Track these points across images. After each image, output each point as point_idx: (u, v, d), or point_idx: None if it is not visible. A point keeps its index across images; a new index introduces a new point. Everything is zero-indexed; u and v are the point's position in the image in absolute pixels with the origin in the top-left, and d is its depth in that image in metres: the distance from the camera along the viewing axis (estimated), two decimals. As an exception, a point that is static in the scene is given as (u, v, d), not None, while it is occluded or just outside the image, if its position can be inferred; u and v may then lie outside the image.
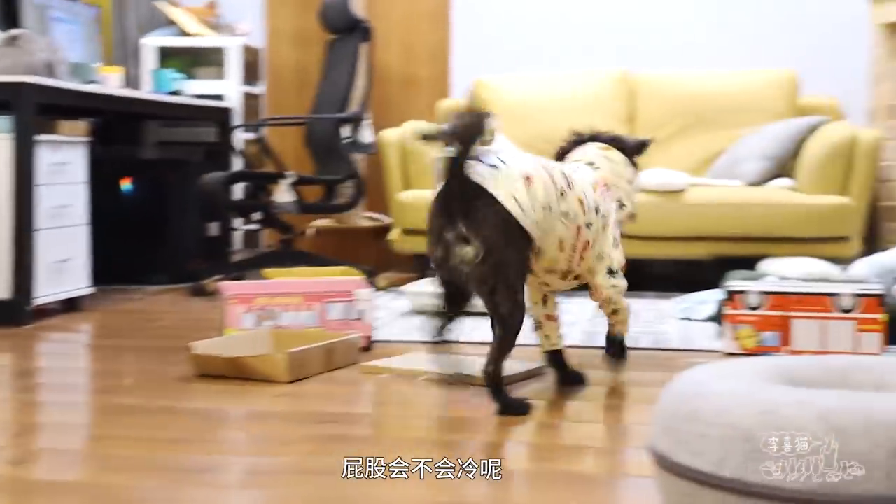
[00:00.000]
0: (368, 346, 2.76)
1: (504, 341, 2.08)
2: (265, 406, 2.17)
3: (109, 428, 2.02)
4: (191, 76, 4.89)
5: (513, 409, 2.08)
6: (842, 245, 3.97)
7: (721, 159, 4.43)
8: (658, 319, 3.31)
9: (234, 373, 2.37)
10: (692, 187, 4.12)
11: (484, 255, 2.01)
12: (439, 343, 2.22)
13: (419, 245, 4.18)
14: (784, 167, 4.26)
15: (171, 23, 5.06)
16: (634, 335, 2.97)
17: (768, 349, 2.63)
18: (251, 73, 5.10)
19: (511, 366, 2.42)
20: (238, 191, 4.50)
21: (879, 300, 2.58)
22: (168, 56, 4.95)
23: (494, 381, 2.10)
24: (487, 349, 2.12)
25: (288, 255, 4.12)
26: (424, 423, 2.07)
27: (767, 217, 3.96)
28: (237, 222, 4.83)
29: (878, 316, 2.56)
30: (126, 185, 4.39)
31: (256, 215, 4.26)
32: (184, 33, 5.00)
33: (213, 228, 4.55)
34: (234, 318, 2.68)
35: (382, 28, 5.14)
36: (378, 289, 4.10)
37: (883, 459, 1.05)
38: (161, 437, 1.93)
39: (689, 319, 3.27)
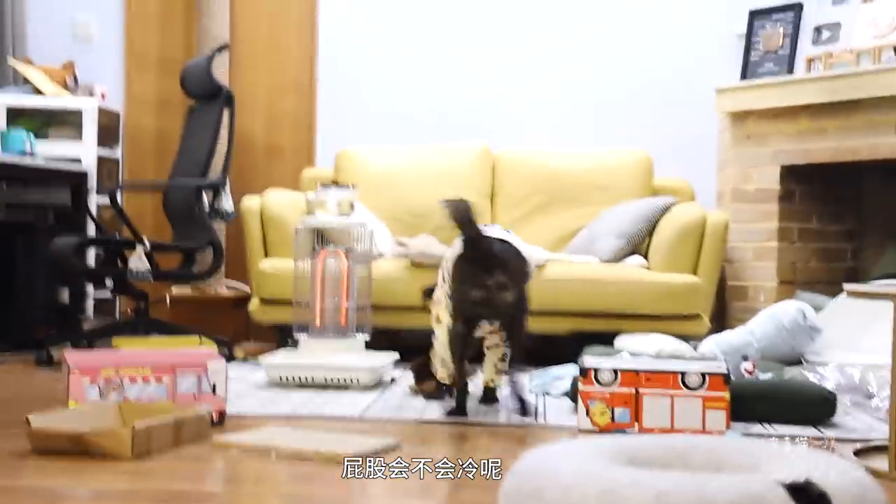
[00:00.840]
0: (221, 420, 2.69)
1: (521, 358, 2.81)
2: (107, 484, 2.08)
3: (-65, 508, 1.90)
4: (43, 137, 4.75)
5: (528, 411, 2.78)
6: (692, 323, 4.11)
7: (578, 236, 4.55)
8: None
9: (75, 448, 2.28)
10: (550, 263, 4.21)
11: (519, 299, 2.73)
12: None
13: (279, 315, 4.13)
14: (638, 245, 4.41)
15: (24, 81, 4.93)
16: (490, 409, 3.00)
17: (620, 426, 2.69)
18: (109, 136, 5.00)
19: (363, 441, 2.41)
20: (92, 256, 4.36)
21: (724, 378, 2.66)
22: (19, 115, 4.80)
23: (522, 389, 2.82)
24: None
25: (142, 325, 4.02)
26: (276, 503, 2.02)
27: (621, 294, 4.07)
28: (90, 289, 4.68)
29: (724, 394, 2.65)
30: (-30, 247, 4.21)
31: (109, 282, 4.14)
32: (38, 92, 4.87)
33: (64, 295, 4.39)
34: (78, 391, 2.58)
35: (247, 95, 5.13)
36: (236, 359, 4.03)
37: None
38: (-9, 518, 1.82)
39: (545, 394, 3.31)
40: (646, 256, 4.39)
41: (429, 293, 3.20)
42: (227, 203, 4.17)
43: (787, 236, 4.57)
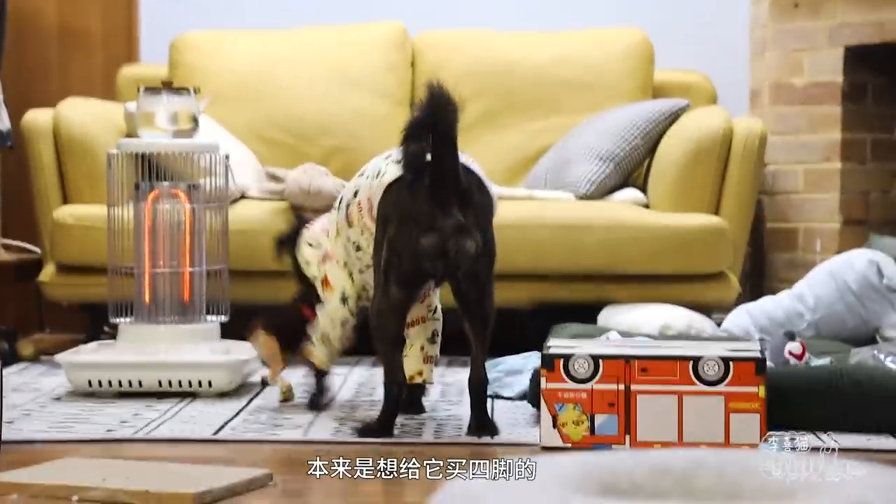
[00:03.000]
0: (-5, 451, 2.68)
1: (486, 342, 2.88)
2: None
3: None
4: None
5: (491, 427, 2.88)
6: (714, 285, 4.16)
7: (543, 160, 4.56)
8: (448, 397, 3.35)
9: None
10: (500, 201, 4.20)
11: (485, 249, 2.81)
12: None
13: (86, 290, 4.10)
14: (631, 172, 4.43)
15: None
16: (410, 421, 3.02)
17: (603, 439, 2.71)
18: None
19: (218, 474, 2.40)
20: None
21: (759, 366, 2.69)
22: None
23: (486, 390, 2.91)
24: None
25: None
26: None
27: (607, 245, 4.10)
28: None
29: (757, 389, 2.67)
30: None
31: None
32: None
33: None
34: None
35: (27, -49, 5.04)
36: (20, 359, 4.00)
37: None
38: None
39: (495, 397, 3.32)
40: (643, 189, 4.42)
41: (284, 243, 3.32)
42: (-1, 120, 4.11)
43: (856, 153, 4.62)
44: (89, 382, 3.41)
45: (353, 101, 4.75)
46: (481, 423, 2.88)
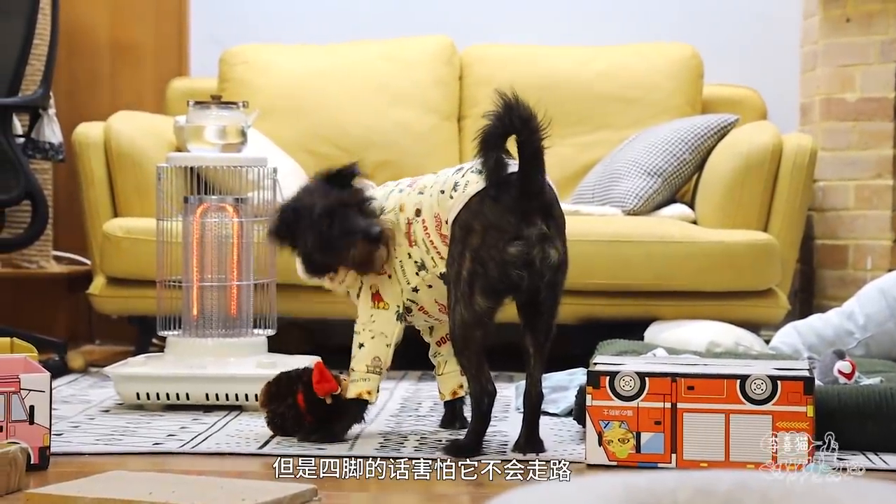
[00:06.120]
0: (44, 463, 2.69)
1: (546, 357, 2.90)
2: None
3: None
4: None
5: (538, 444, 2.87)
6: (762, 302, 4.14)
7: (590, 175, 4.56)
8: (493, 413, 3.34)
9: None
10: (548, 217, 4.21)
11: (563, 262, 2.82)
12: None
13: (135, 302, 4.14)
14: (679, 187, 4.42)
15: None
16: (453, 437, 3.00)
17: (649, 458, 2.70)
18: None
19: (263, 489, 2.41)
20: None
21: (807, 385, 2.67)
22: None
23: (540, 405, 2.91)
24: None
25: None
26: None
27: (655, 261, 4.09)
28: None
29: (805, 409, 2.66)
30: None
31: None
32: None
33: None
34: None
35: (81, -32, 5.08)
36: (70, 370, 4.03)
37: None
38: None
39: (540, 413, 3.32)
40: (691, 205, 4.40)
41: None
42: (51, 132, 4.13)
43: (908, 170, 4.60)
44: (137, 395, 3.44)
45: (400, 114, 4.77)
46: (530, 440, 2.88)
